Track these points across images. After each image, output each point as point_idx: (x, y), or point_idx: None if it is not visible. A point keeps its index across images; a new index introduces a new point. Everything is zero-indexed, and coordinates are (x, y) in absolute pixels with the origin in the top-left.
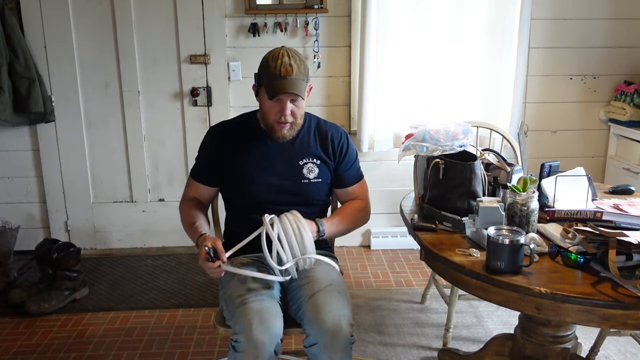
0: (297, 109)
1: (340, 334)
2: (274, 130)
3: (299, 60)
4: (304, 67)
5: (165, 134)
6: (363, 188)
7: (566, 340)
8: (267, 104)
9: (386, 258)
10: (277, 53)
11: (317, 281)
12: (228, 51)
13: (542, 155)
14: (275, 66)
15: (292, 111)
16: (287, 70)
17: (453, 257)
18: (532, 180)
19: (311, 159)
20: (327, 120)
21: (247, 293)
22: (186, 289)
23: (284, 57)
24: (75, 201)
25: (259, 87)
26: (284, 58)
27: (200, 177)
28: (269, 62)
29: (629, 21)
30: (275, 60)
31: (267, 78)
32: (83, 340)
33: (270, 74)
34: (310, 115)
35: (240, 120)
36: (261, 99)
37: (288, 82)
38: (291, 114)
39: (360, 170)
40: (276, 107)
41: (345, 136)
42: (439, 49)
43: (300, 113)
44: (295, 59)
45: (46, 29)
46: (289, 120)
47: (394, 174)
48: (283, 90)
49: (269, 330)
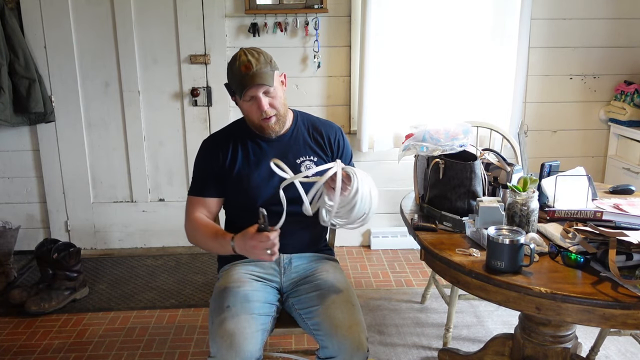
0: (274, 99)
1: (360, 350)
2: (262, 129)
3: (257, 53)
4: (264, 57)
5: (165, 134)
6: None
7: (566, 340)
8: (245, 106)
9: (386, 258)
10: (235, 56)
11: (329, 289)
12: (228, 51)
13: (542, 155)
14: (236, 67)
15: (270, 103)
16: (246, 67)
17: (453, 257)
18: (532, 180)
19: (308, 157)
20: (321, 118)
21: (226, 310)
22: (186, 289)
23: (241, 57)
24: (76, 201)
25: (233, 95)
26: (242, 58)
27: (203, 191)
28: (230, 67)
29: (629, 21)
30: (234, 63)
31: (233, 82)
32: (83, 340)
33: (234, 76)
34: (303, 114)
35: (231, 128)
36: (240, 105)
37: (250, 76)
38: (270, 107)
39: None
40: (254, 106)
41: (341, 132)
42: (439, 49)
43: (279, 103)
44: (253, 53)
45: (46, 29)
46: (270, 113)
47: (394, 174)
48: (248, 83)
49: (240, 354)
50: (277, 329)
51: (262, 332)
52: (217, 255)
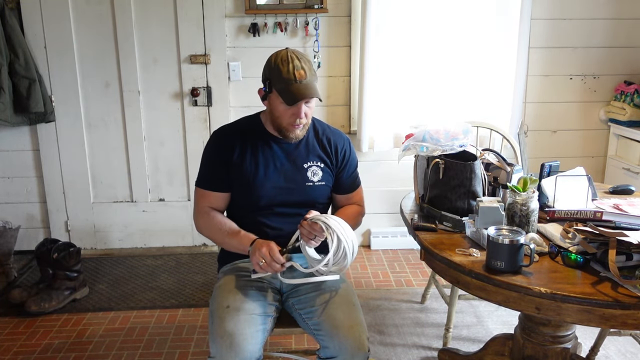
0: (310, 109)
1: (361, 350)
2: (287, 132)
3: (308, 61)
4: (313, 67)
5: (166, 134)
6: (360, 194)
7: (566, 340)
8: (281, 108)
9: (386, 258)
10: (285, 56)
11: (329, 289)
12: (228, 51)
13: (542, 155)
14: (287, 71)
15: (306, 113)
16: (301, 75)
17: (453, 257)
18: (532, 180)
19: (315, 162)
20: (332, 127)
21: (225, 310)
22: (186, 289)
23: (294, 60)
24: (76, 201)
25: (269, 92)
26: (295, 62)
27: (212, 184)
28: (279, 67)
29: (629, 21)
30: (286, 65)
31: (280, 83)
32: (83, 340)
33: (283, 79)
34: (315, 120)
35: (244, 123)
36: (273, 103)
37: (304, 86)
38: (305, 116)
39: (359, 177)
40: (290, 111)
41: (349, 144)
42: (439, 49)
43: (311, 113)
44: (305, 60)
45: (46, 29)
46: (303, 122)
47: (394, 174)
48: (303, 96)
49: (240, 355)
50: (277, 329)
51: (262, 332)
52: (217, 255)
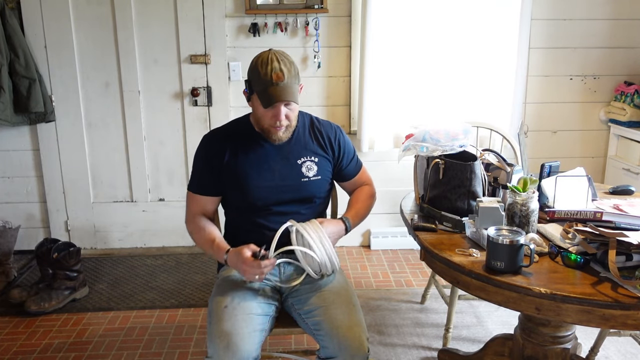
0: (291, 112)
1: (360, 350)
2: (269, 133)
3: (288, 62)
4: (294, 68)
5: (166, 134)
6: (365, 173)
7: (566, 340)
8: (261, 109)
9: (386, 258)
10: (265, 58)
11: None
12: (228, 51)
13: (542, 156)
14: (266, 73)
15: (287, 115)
16: (278, 76)
17: (453, 257)
18: (532, 181)
19: (309, 157)
20: (320, 118)
21: (223, 310)
22: (186, 289)
23: (273, 62)
24: (76, 201)
25: (250, 94)
26: (274, 63)
27: (202, 188)
28: (258, 69)
29: (629, 21)
30: (265, 67)
31: (259, 85)
32: (83, 340)
33: (262, 80)
34: (303, 114)
35: (234, 125)
36: (254, 105)
37: (281, 88)
38: (285, 118)
39: (359, 159)
40: (270, 113)
41: (340, 131)
42: (439, 49)
43: (294, 115)
44: (285, 62)
45: (47, 29)
46: (284, 124)
47: (394, 174)
48: (278, 98)
49: (236, 355)
50: (277, 329)
51: (260, 332)
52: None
